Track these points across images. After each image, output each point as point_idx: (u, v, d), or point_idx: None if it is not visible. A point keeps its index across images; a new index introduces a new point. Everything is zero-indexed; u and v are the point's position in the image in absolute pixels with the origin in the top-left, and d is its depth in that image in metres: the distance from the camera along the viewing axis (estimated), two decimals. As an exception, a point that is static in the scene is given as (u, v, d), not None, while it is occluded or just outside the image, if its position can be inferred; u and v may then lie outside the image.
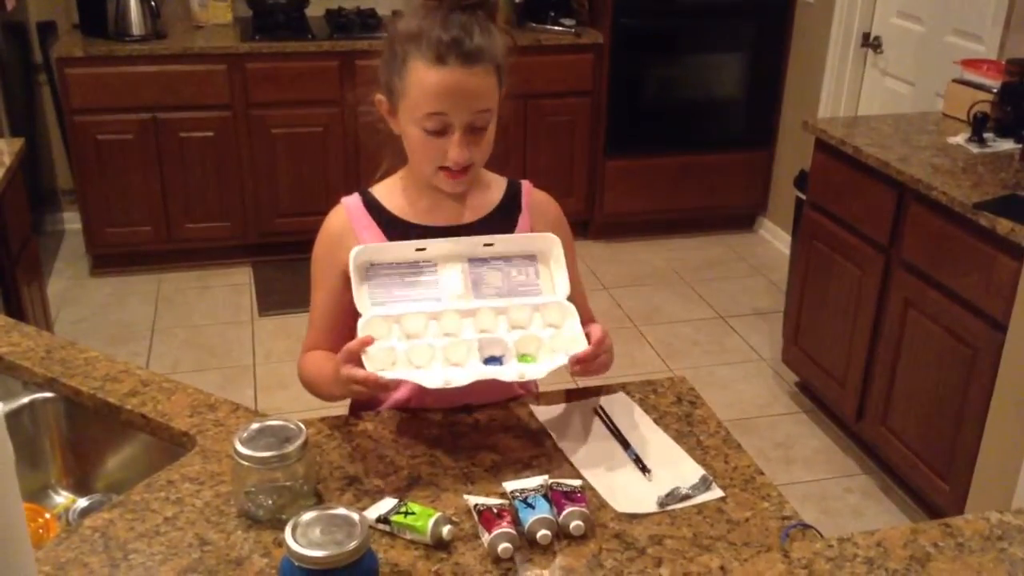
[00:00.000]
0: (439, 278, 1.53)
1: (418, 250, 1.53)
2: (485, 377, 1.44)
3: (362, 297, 1.50)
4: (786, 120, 4.77)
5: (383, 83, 1.52)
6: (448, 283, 1.53)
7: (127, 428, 1.58)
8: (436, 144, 1.48)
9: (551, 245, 1.56)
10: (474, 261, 1.54)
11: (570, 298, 1.56)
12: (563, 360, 1.45)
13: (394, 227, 1.59)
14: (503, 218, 1.64)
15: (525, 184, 1.68)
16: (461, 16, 1.44)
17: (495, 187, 1.67)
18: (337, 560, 1.07)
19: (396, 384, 1.43)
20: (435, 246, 1.53)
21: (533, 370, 1.45)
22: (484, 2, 1.47)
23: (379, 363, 1.43)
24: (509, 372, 1.45)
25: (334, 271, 1.58)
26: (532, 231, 1.63)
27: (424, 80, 1.43)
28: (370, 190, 1.65)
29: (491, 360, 1.48)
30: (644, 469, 1.45)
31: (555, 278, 1.56)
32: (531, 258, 1.56)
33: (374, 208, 1.62)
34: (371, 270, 1.51)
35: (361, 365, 1.41)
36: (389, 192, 1.63)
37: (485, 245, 1.55)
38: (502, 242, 1.56)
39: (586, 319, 1.63)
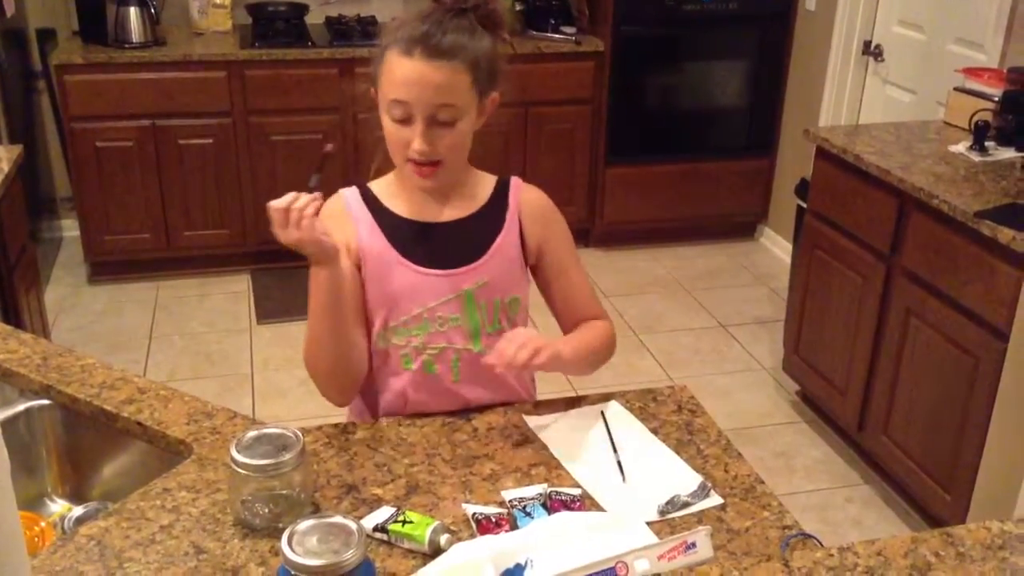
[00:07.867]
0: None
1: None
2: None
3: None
4: (787, 128, 4.76)
5: (372, 75, 1.57)
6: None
7: (123, 436, 1.57)
8: (402, 134, 1.52)
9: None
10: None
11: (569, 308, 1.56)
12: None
13: (384, 219, 1.64)
14: (491, 215, 1.65)
15: (514, 180, 1.69)
16: (446, 16, 1.48)
17: (484, 185, 1.68)
18: (334, 569, 1.06)
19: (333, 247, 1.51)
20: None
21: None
22: (478, 6, 1.51)
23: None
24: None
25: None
26: (522, 229, 1.65)
27: (392, 69, 1.49)
28: (368, 185, 1.69)
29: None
30: (622, 472, 1.44)
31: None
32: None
33: (370, 201, 1.66)
34: None
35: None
36: (385, 187, 1.67)
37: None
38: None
39: (592, 315, 1.69)
